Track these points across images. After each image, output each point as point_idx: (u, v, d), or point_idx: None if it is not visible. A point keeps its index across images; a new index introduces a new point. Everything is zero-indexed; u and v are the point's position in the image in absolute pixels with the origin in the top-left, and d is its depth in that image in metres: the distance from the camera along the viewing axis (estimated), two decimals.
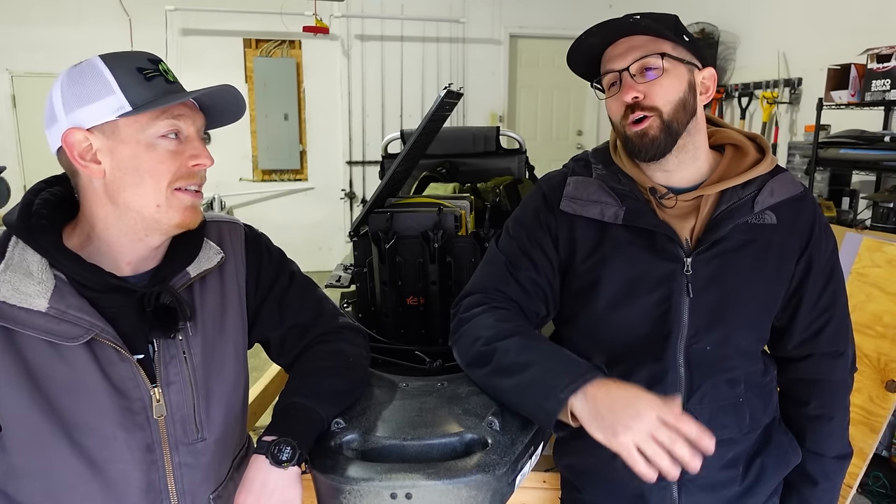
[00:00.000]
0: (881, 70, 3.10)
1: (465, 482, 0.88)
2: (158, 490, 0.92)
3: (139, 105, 0.85)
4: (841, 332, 1.10)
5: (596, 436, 0.87)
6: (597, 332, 1.09)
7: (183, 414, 0.93)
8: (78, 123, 0.85)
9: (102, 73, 0.85)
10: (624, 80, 1.00)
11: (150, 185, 0.87)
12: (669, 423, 0.82)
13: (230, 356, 1.00)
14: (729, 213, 1.02)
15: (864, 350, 2.02)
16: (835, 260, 1.09)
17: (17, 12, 5.24)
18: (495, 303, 1.08)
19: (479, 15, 6.10)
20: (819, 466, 1.13)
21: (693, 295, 1.02)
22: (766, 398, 1.10)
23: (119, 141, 0.86)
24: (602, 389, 0.89)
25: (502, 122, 6.36)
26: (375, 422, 0.99)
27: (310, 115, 6.04)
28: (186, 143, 0.90)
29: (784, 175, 1.07)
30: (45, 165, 4.69)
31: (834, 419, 1.12)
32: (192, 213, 0.91)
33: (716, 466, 1.05)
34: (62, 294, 0.85)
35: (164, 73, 0.89)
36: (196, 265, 0.97)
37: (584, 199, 1.08)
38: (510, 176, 2.79)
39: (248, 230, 1.09)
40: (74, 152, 0.86)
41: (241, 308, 1.03)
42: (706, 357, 1.04)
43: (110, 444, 0.88)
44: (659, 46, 0.99)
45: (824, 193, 3.52)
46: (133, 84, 0.85)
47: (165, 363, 0.92)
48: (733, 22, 4.74)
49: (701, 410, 1.04)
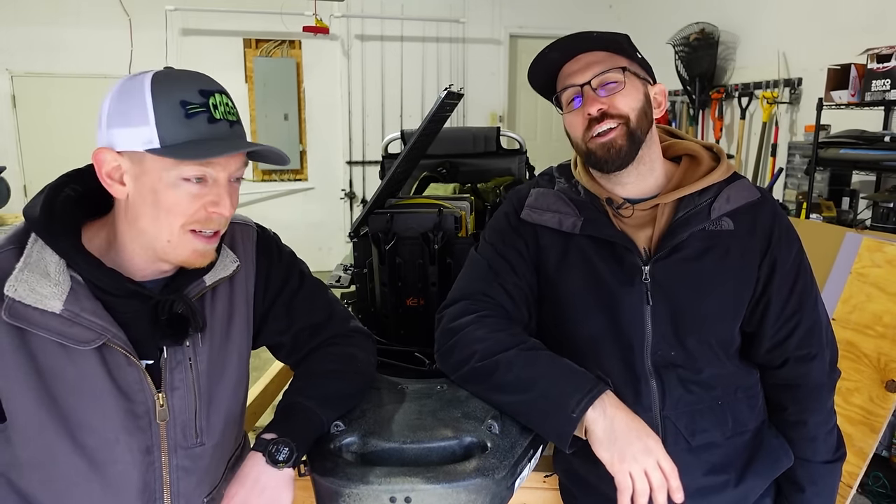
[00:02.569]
0: (881, 70, 3.10)
1: (465, 486, 0.88)
2: (154, 490, 0.93)
3: (168, 145, 0.82)
4: (813, 333, 1.09)
5: (601, 454, 0.91)
6: (566, 340, 1.10)
7: (184, 419, 0.94)
8: (111, 143, 0.84)
9: (145, 98, 0.82)
10: (586, 94, 1.03)
11: (164, 222, 0.86)
12: (665, 469, 0.90)
13: (233, 362, 1.00)
14: (686, 221, 1.04)
15: (864, 350, 2.02)
16: (800, 262, 1.09)
17: (17, 12, 5.24)
18: (484, 310, 1.09)
19: (479, 15, 6.10)
20: (805, 472, 1.12)
21: (652, 303, 1.04)
22: (750, 401, 1.10)
23: (144, 171, 0.84)
24: (621, 411, 0.94)
25: (502, 122, 6.35)
26: (375, 425, 0.99)
27: (310, 115, 6.04)
28: (211, 188, 0.87)
29: (741, 182, 1.08)
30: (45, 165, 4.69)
31: (813, 424, 1.11)
32: (200, 257, 0.90)
33: (699, 472, 1.05)
34: (77, 296, 0.85)
35: (211, 108, 0.85)
36: (212, 274, 0.96)
37: (543, 209, 1.11)
38: (510, 176, 2.79)
39: (261, 232, 1.08)
40: (103, 171, 0.86)
41: (248, 313, 1.03)
42: (673, 362, 1.04)
43: (112, 445, 0.89)
44: (617, 62, 1.03)
45: (824, 193, 3.52)
46: (170, 120, 0.82)
47: (171, 369, 0.92)
48: (733, 22, 4.73)
49: (678, 416, 1.04)
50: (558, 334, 1.12)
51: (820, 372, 1.10)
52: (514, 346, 1.02)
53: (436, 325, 1.14)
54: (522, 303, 1.12)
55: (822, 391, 1.11)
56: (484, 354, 1.03)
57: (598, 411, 0.93)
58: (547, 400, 0.96)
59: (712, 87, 4.86)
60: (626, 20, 6.00)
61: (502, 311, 1.10)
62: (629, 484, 0.89)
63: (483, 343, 1.04)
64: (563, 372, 0.99)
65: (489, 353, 1.02)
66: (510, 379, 1.00)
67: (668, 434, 1.04)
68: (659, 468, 0.90)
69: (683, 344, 1.04)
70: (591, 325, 1.07)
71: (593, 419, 0.93)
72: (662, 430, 1.04)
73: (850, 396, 1.99)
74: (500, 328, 1.06)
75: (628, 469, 0.89)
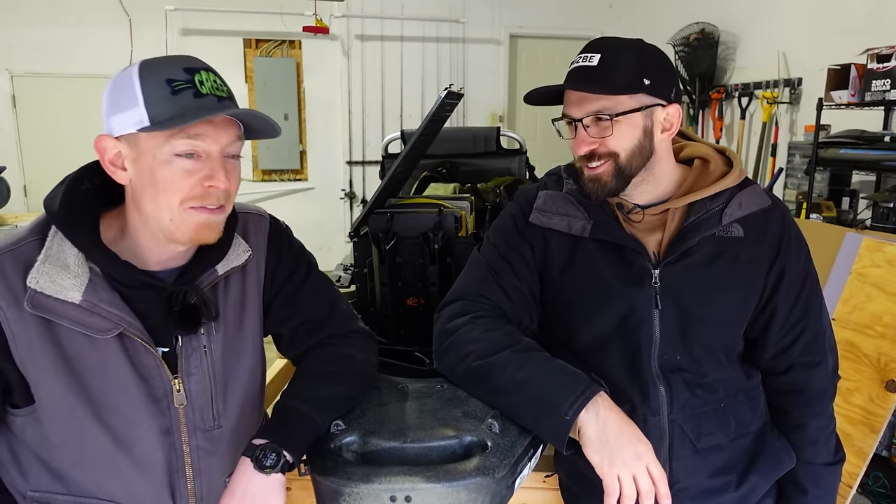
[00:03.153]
0: (881, 70, 3.10)
1: (465, 485, 0.88)
2: (177, 469, 0.97)
3: (157, 121, 0.85)
4: (818, 341, 1.09)
5: (591, 457, 0.91)
6: (571, 343, 1.10)
7: (201, 403, 0.98)
8: (110, 131, 0.89)
9: (133, 82, 0.86)
10: (578, 130, 1.02)
11: (164, 201, 0.89)
12: (654, 475, 0.90)
13: (248, 349, 1.04)
14: (696, 225, 1.03)
15: (864, 350, 2.02)
16: (808, 270, 1.09)
17: (17, 12, 5.24)
18: (479, 311, 1.09)
19: (479, 15, 6.10)
20: (808, 474, 1.12)
21: (661, 307, 1.04)
22: (752, 403, 1.10)
23: (140, 153, 0.88)
24: (614, 414, 0.94)
25: (502, 122, 6.35)
26: (375, 424, 0.99)
27: (310, 115, 6.04)
28: (205, 163, 0.89)
29: (753, 188, 1.07)
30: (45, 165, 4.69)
31: (815, 427, 1.11)
32: (207, 230, 0.92)
33: (704, 474, 1.05)
34: (95, 287, 0.88)
35: (197, 84, 0.87)
36: (225, 263, 0.99)
37: (552, 212, 1.11)
38: (511, 176, 2.79)
39: (273, 223, 1.11)
40: (105, 158, 0.90)
41: (259, 302, 1.06)
42: (680, 366, 1.04)
43: (135, 425, 0.94)
44: (615, 101, 0.99)
45: (824, 193, 3.52)
46: (157, 97, 0.85)
47: (187, 356, 0.96)
48: (733, 22, 4.73)
49: (685, 419, 1.04)
50: (564, 336, 1.12)
51: (822, 378, 1.10)
52: (508, 346, 1.02)
53: (434, 323, 1.14)
54: (521, 305, 1.11)
55: (825, 397, 1.11)
56: (478, 355, 1.03)
57: (591, 413, 0.93)
58: (540, 401, 0.96)
59: (712, 87, 4.86)
60: (626, 20, 6.00)
61: (499, 312, 1.10)
62: (617, 488, 0.89)
63: (478, 344, 1.04)
64: (556, 373, 0.99)
65: (483, 354, 1.02)
66: (504, 380, 1.00)
67: (675, 437, 1.04)
68: (648, 474, 0.90)
69: (690, 348, 1.04)
70: (598, 327, 1.07)
71: (585, 421, 0.93)
72: (669, 433, 1.04)
73: (850, 396, 1.99)
74: (495, 328, 1.06)
75: (617, 473, 0.89)
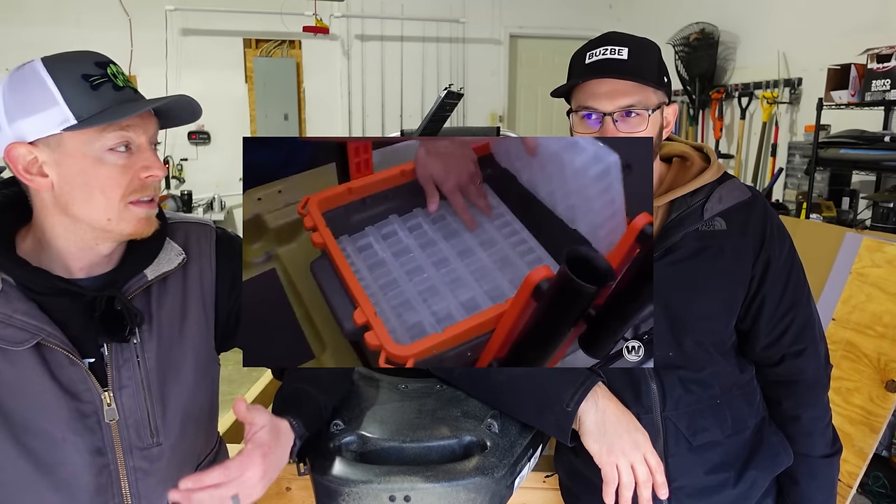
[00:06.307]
0: (881, 70, 3.10)
1: (464, 485, 0.88)
2: (110, 492, 0.91)
3: (85, 118, 0.80)
4: (807, 329, 1.10)
5: (590, 446, 0.93)
6: None
7: (136, 418, 0.91)
8: (21, 136, 0.82)
9: (45, 81, 0.80)
10: (605, 125, 0.99)
11: (101, 200, 0.84)
12: (651, 464, 0.92)
13: (188, 361, 0.97)
14: (679, 222, 1.04)
15: (864, 350, 2.02)
16: (793, 259, 1.09)
17: (16, 12, 5.23)
18: None
19: (479, 15, 6.10)
20: (805, 467, 1.13)
21: None
22: (748, 398, 1.10)
23: (65, 154, 0.82)
24: (612, 403, 0.95)
25: (502, 122, 6.35)
26: (374, 424, 0.99)
27: (310, 115, 6.04)
28: (137, 155, 0.86)
29: (732, 181, 1.08)
30: None
31: (810, 419, 1.11)
32: (146, 224, 0.88)
33: (701, 472, 1.05)
34: (8, 298, 0.83)
35: (112, 77, 0.84)
36: (154, 267, 0.93)
37: None
38: None
39: (221, 232, 1.05)
40: (19, 167, 0.83)
41: (206, 312, 1.00)
42: (672, 363, 1.04)
43: (59, 446, 0.87)
44: (646, 96, 0.98)
45: (824, 193, 3.52)
46: (78, 94, 0.81)
47: (118, 367, 0.90)
48: (733, 22, 4.73)
49: (678, 416, 1.04)
50: None
51: (815, 366, 1.11)
52: None
53: None
54: None
55: (818, 386, 1.12)
56: None
57: (591, 403, 0.95)
58: (541, 395, 0.97)
59: (712, 87, 4.86)
60: (626, 20, 6.00)
61: None
62: (615, 476, 0.91)
63: None
64: (552, 367, 0.99)
65: None
66: (502, 378, 1.00)
67: (670, 434, 1.04)
68: (645, 463, 0.92)
69: (681, 344, 1.04)
70: None
71: (585, 411, 0.95)
72: (664, 430, 1.04)
73: (850, 396, 1.99)
74: None
75: (615, 462, 0.92)
